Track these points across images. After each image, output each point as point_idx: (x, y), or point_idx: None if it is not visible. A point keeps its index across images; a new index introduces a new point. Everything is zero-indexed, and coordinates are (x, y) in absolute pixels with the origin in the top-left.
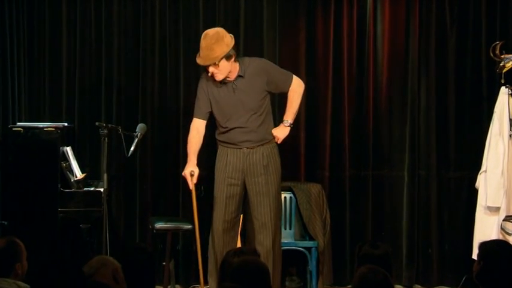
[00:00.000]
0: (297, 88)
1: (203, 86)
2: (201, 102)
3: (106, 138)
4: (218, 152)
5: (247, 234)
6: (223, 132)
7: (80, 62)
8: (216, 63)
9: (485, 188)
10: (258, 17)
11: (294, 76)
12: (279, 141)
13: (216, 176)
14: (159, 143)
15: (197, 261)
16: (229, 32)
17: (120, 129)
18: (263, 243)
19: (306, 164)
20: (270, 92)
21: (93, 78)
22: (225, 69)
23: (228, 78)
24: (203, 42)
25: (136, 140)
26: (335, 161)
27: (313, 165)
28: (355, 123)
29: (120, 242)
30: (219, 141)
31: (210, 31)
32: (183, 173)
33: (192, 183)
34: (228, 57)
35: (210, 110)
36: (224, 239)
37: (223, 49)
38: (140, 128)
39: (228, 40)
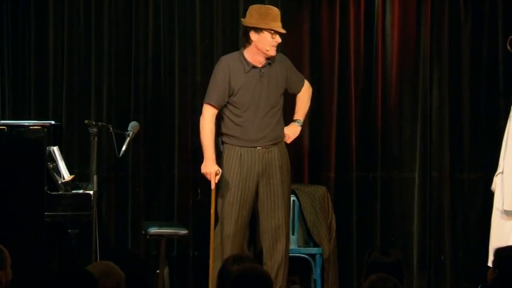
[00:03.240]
0: (307, 90)
1: (225, 71)
2: (221, 89)
3: (96, 137)
4: (227, 152)
5: (257, 240)
6: (238, 124)
7: (68, 55)
8: None
9: (502, 191)
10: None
11: (305, 79)
12: (288, 141)
13: (226, 178)
14: (153, 142)
15: (208, 268)
16: (226, 23)
17: (110, 128)
18: (277, 248)
19: (310, 164)
20: None
21: (82, 72)
22: None
23: (257, 63)
24: (277, 11)
25: (128, 139)
26: (341, 162)
27: (317, 166)
28: (363, 121)
29: (110, 248)
30: (230, 137)
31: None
32: (206, 171)
33: (215, 183)
34: None
35: (224, 101)
36: (234, 246)
37: None
38: (132, 126)
39: None
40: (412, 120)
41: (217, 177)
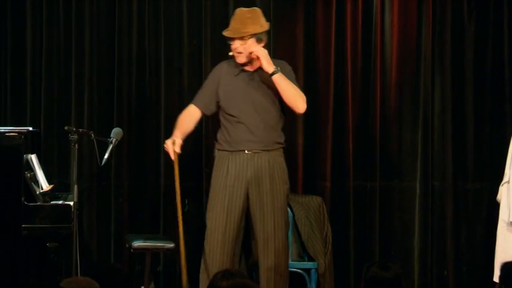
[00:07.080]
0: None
1: (216, 75)
2: (206, 93)
3: (76, 145)
4: (217, 159)
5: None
6: (227, 129)
7: (47, 57)
8: (245, 39)
9: (508, 201)
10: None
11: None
12: (253, 55)
13: (213, 186)
14: (137, 149)
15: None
16: (216, 23)
17: (92, 135)
18: (264, 262)
19: (305, 173)
20: None
21: (62, 76)
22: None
23: (248, 67)
24: (237, 16)
25: (110, 147)
26: (337, 171)
27: (312, 175)
28: (360, 127)
29: (92, 262)
30: (221, 143)
31: (245, 8)
32: (164, 145)
33: (174, 153)
34: (258, 39)
35: (212, 104)
36: (222, 260)
37: (256, 28)
38: (115, 133)
39: (264, 22)
40: (413, 126)
41: (176, 146)
